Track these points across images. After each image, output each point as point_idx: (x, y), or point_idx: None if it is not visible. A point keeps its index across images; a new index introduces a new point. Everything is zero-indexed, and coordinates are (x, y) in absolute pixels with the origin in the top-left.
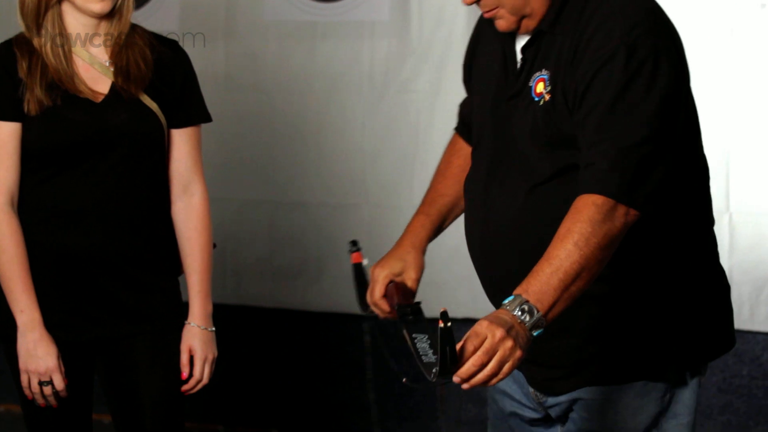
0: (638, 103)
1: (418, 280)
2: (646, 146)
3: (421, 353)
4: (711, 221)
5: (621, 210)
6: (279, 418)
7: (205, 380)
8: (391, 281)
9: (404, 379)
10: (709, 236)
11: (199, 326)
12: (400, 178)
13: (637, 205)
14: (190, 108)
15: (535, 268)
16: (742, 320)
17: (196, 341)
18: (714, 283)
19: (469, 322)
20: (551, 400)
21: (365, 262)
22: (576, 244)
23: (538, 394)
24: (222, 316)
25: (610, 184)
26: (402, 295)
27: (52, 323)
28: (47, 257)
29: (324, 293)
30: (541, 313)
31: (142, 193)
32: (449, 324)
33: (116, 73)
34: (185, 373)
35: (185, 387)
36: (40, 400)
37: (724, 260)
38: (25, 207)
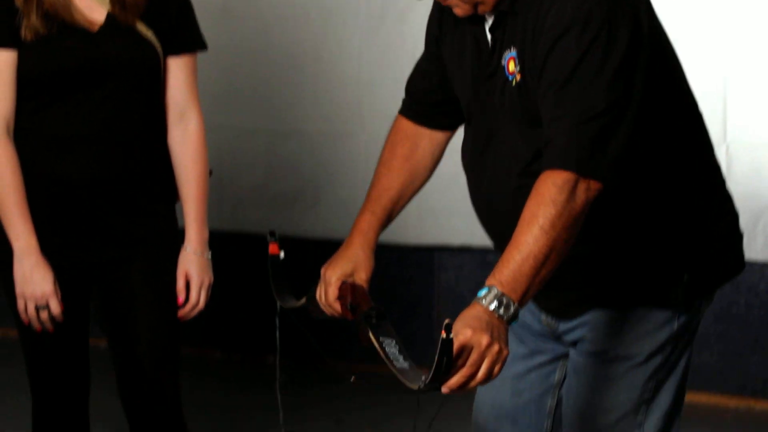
0: (592, 77)
1: (368, 281)
2: (601, 118)
3: (391, 358)
4: (709, 151)
5: (582, 185)
6: (275, 344)
7: (201, 306)
8: (343, 282)
9: (352, 378)
10: (709, 164)
11: (195, 252)
12: (397, 107)
13: (597, 176)
14: (185, 35)
15: (505, 256)
16: None
17: (192, 267)
18: (720, 208)
19: (465, 250)
20: (562, 327)
21: (281, 254)
22: (542, 228)
23: (550, 321)
24: (218, 242)
25: (568, 159)
26: (354, 295)
27: (48, 249)
28: (43, 184)
29: (320, 220)
30: (516, 304)
31: (137, 121)
32: (451, 336)
33: (112, 2)
34: (181, 299)
35: (181, 312)
36: (36, 325)
37: None
38: (21, 134)
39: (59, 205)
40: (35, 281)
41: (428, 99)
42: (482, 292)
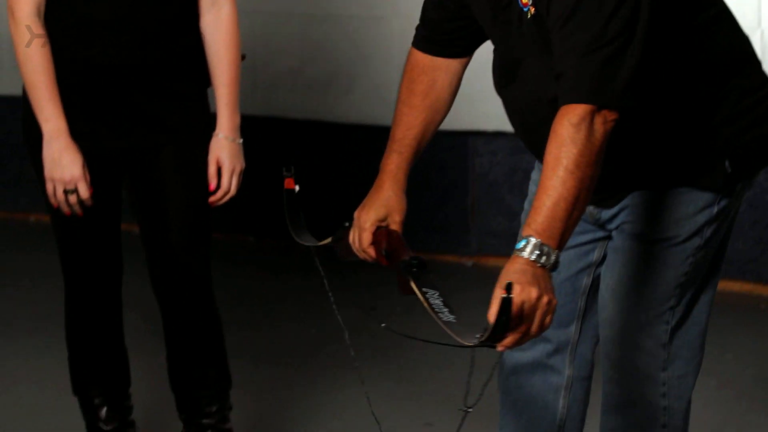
0: (596, 8)
1: (402, 223)
2: (608, 47)
3: (437, 310)
4: (742, 36)
5: (598, 119)
6: (309, 229)
7: (233, 192)
8: (378, 227)
9: (383, 325)
10: (744, 50)
11: (226, 137)
12: None
13: (611, 105)
14: None
15: (536, 203)
16: None
17: (224, 152)
18: (757, 93)
19: (499, 135)
20: (605, 215)
21: (297, 188)
22: (567, 169)
23: (593, 210)
24: (252, 127)
25: (580, 92)
26: (389, 241)
27: (78, 133)
28: (74, 67)
29: (354, 105)
30: (556, 251)
31: (170, 5)
32: (511, 296)
33: None
34: (213, 185)
35: (212, 198)
36: (65, 209)
37: None
38: (52, 17)
39: (90, 90)
40: (64, 165)
41: (444, 27)
42: (520, 244)
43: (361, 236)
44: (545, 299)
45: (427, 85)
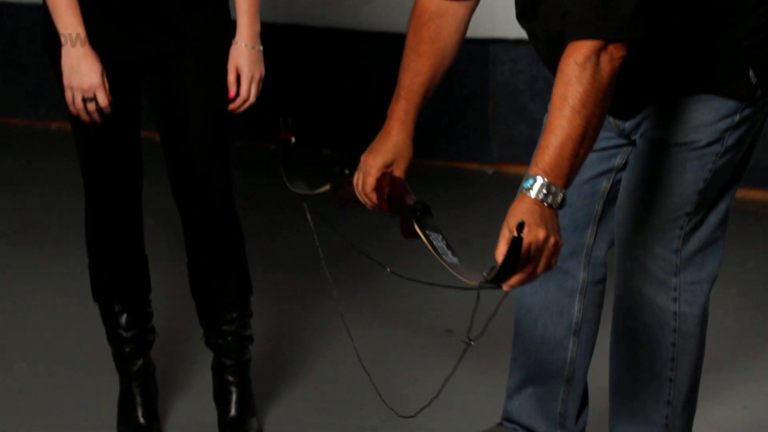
0: None
1: (406, 170)
2: None
3: (440, 252)
4: None
5: (604, 56)
6: (330, 137)
7: (252, 99)
8: (382, 173)
9: (388, 269)
10: None
11: (246, 45)
12: None
13: (616, 38)
14: None
15: (542, 143)
16: None
17: (243, 60)
18: None
19: (521, 43)
20: (629, 125)
21: (293, 139)
22: (573, 108)
23: (617, 122)
24: (273, 35)
25: (584, 27)
26: (392, 186)
27: (96, 40)
28: None
29: (376, 13)
30: (563, 190)
31: None
32: (521, 236)
33: None
34: (232, 92)
35: (232, 106)
36: (84, 117)
37: None
38: None
39: None
40: (82, 72)
41: None
42: (527, 184)
43: (365, 180)
44: (552, 240)
45: (434, 32)
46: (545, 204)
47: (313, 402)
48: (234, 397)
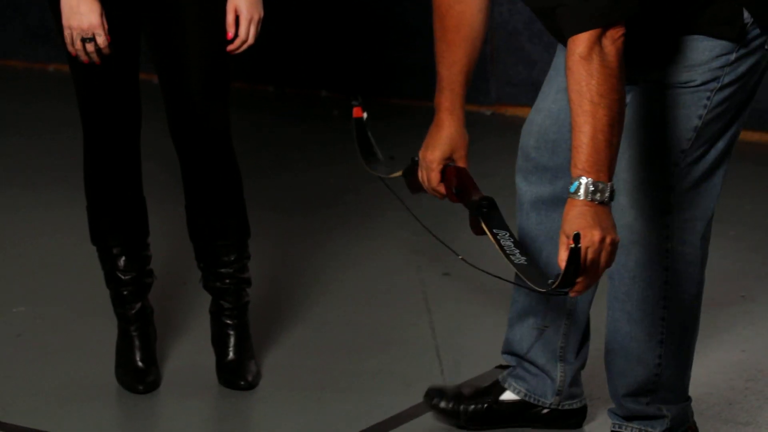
0: None
1: (466, 157)
2: None
3: (508, 252)
4: None
5: (606, 41)
6: (328, 79)
7: (251, 41)
8: (446, 165)
9: (460, 257)
10: None
11: None
12: None
13: (612, 22)
14: None
15: (575, 143)
16: None
17: (242, 1)
18: None
19: None
20: None
21: (365, 116)
22: (592, 101)
23: None
24: None
25: (581, 20)
26: (459, 178)
27: None
28: None
29: None
30: (608, 183)
31: None
32: (579, 246)
33: None
34: (230, 33)
35: (230, 47)
36: (83, 57)
37: None
38: None
39: None
40: (82, 12)
41: None
42: (573, 188)
43: (429, 176)
44: (608, 240)
45: (457, 19)
46: (596, 202)
47: (311, 345)
48: (232, 341)
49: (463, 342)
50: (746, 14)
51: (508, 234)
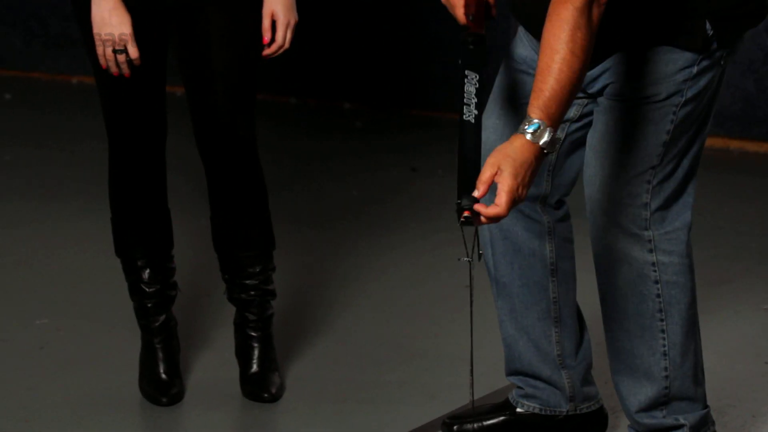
0: None
1: None
2: None
3: (465, 99)
4: None
5: (595, 3)
6: (351, 90)
7: (287, 45)
8: None
9: (459, 258)
10: None
11: None
12: None
13: None
14: None
15: (542, 86)
16: None
17: (278, 6)
18: None
19: None
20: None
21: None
22: (573, 53)
23: None
24: None
25: None
26: (477, 2)
27: None
28: None
29: None
30: (556, 133)
31: None
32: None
33: None
34: (267, 38)
35: (266, 51)
36: (113, 68)
37: None
38: None
39: None
40: (113, 24)
41: None
42: (532, 128)
43: (458, 14)
44: (522, 195)
45: None
46: (543, 150)
47: (335, 357)
48: (256, 353)
49: (487, 354)
50: (708, 26)
51: (477, 79)
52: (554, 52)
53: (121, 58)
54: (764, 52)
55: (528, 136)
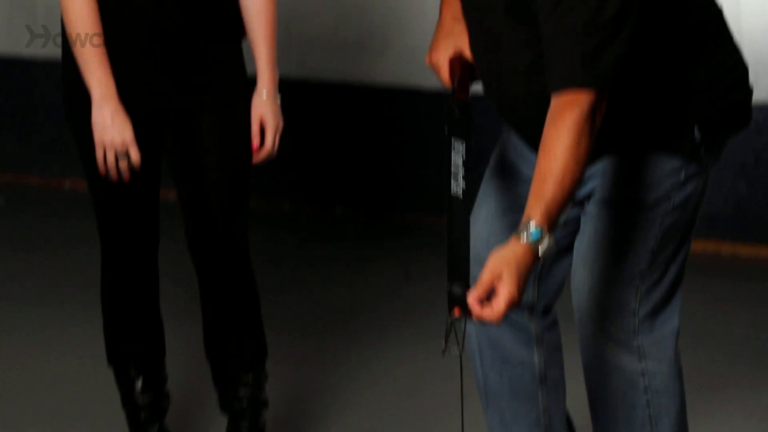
0: None
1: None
2: (602, 32)
3: (453, 170)
4: (714, 9)
5: (598, 106)
6: (343, 195)
7: (274, 150)
8: (452, 57)
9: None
10: (716, 22)
11: (269, 95)
12: None
13: (606, 87)
14: None
15: (546, 194)
16: None
17: (267, 111)
18: (726, 63)
19: None
20: None
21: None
22: (578, 161)
23: None
24: (286, 89)
25: (584, 75)
26: (462, 67)
27: (124, 97)
28: (119, 28)
29: (389, 67)
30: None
31: None
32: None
33: None
34: (256, 143)
35: (256, 157)
36: (114, 174)
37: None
38: None
39: (134, 50)
40: (115, 129)
41: None
42: (537, 235)
43: (441, 77)
44: (514, 301)
45: None
46: (539, 257)
47: None
48: None
49: None
50: (696, 132)
51: (463, 148)
52: (557, 158)
53: (123, 163)
54: (755, 154)
55: (530, 243)
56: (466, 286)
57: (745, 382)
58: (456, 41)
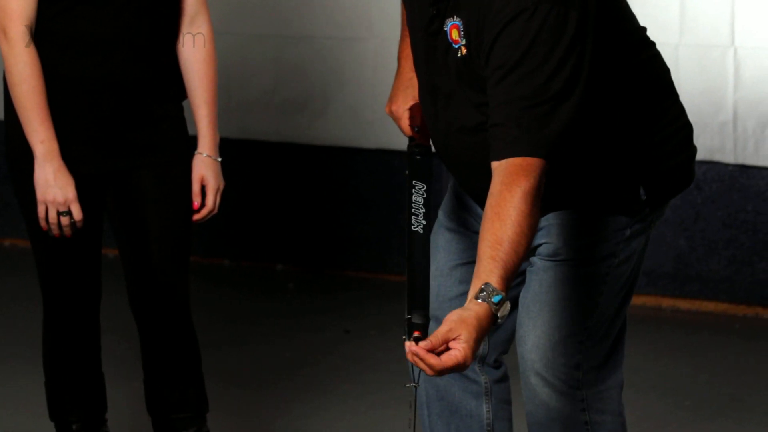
0: (540, 63)
1: None
2: (548, 103)
3: (413, 209)
4: (661, 74)
5: (543, 174)
6: (284, 252)
7: (215, 210)
8: (412, 105)
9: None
10: (661, 87)
11: (210, 156)
12: None
13: (550, 156)
14: None
15: (501, 262)
16: (746, 155)
17: (209, 171)
18: (670, 127)
19: None
20: None
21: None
22: (531, 227)
23: None
24: (227, 150)
25: (531, 144)
26: (421, 116)
27: (67, 155)
28: (64, 87)
29: (329, 127)
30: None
31: (157, 25)
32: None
33: None
34: (197, 203)
35: (197, 216)
36: (55, 231)
37: (729, 95)
38: (44, 37)
39: (78, 109)
40: (58, 186)
41: None
42: (498, 299)
43: (400, 126)
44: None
45: None
46: (497, 316)
47: None
48: None
49: None
50: (642, 191)
51: (424, 189)
52: (513, 223)
53: (65, 220)
54: (695, 210)
55: (492, 308)
56: (426, 317)
57: (687, 430)
58: (414, 92)
